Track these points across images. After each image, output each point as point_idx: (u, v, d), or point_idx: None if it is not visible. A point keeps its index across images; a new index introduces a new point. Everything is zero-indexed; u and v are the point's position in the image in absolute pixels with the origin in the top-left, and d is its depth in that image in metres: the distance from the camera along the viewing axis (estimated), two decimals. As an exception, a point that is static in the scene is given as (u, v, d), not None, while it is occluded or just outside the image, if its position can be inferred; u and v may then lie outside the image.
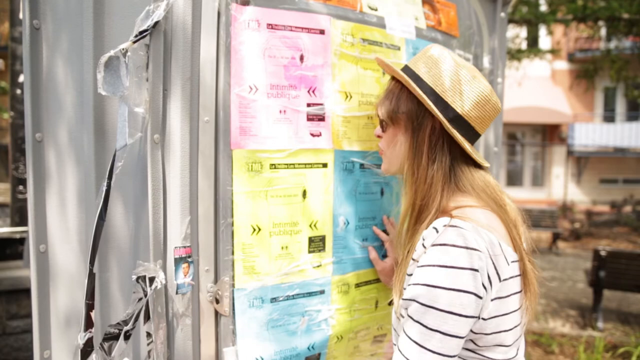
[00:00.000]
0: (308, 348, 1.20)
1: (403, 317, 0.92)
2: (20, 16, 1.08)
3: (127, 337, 0.97)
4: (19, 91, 3.28)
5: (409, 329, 0.88)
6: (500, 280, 0.89)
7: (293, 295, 1.17)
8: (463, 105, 0.97)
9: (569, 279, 7.26)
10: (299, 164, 1.15)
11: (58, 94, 1.10)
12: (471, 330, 0.89)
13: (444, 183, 0.98)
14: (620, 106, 14.94)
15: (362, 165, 1.27)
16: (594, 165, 14.89)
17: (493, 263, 0.88)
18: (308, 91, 1.15)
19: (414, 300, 0.88)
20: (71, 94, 1.08)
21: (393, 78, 1.07)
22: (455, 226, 0.89)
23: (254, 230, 1.10)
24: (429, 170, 0.98)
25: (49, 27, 1.08)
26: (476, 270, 0.85)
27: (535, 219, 9.22)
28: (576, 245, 9.99)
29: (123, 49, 0.93)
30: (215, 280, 1.07)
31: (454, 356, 0.87)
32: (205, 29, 1.01)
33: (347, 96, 1.22)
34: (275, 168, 1.11)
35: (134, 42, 0.94)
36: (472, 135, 1.00)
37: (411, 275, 0.92)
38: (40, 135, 1.10)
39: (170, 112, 1.00)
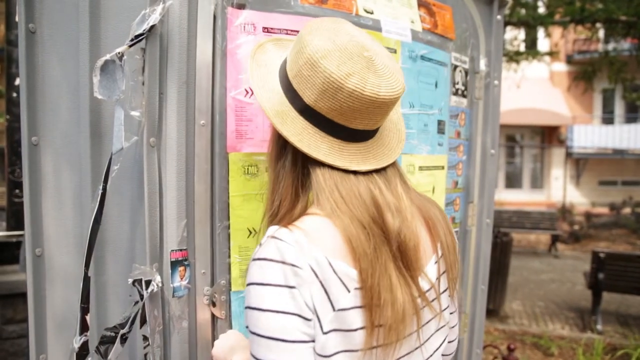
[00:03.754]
0: (305, 351, 1.20)
1: None
2: (16, 19, 1.08)
3: (123, 340, 0.97)
4: (15, 94, 3.28)
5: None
6: (334, 310, 0.73)
7: (290, 298, 1.16)
8: (311, 94, 0.79)
9: (568, 281, 7.26)
10: None
11: (54, 97, 1.10)
12: None
13: (295, 187, 0.84)
14: (619, 108, 14.97)
15: None
16: (593, 167, 14.91)
17: (322, 285, 0.73)
18: None
19: (247, 327, 0.77)
20: (67, 97, 1.08)
21: None
22: (275, 237, 0.76)
23: (250, 233, 1.10)
24: (279, 168, 0.85)
25: (44, 30, 1.08)
26: (292, 287, 0.72)
27: (534, 221, 9.22)
28: (575, 247, 10.00)
29: (119, 53, 0.93)
30: (212, 283, 1.07)
31: None
32: (201, 33, 1.01)
33: None
34: None
35: (130, 45, 0.94)
36: (339, 130, 0.81)
37: None
38: (36, 139, 1.10)
39: (166, 116, 1.00)
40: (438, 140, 1.47)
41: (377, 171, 0.83)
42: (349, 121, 0.80)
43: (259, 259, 0.76)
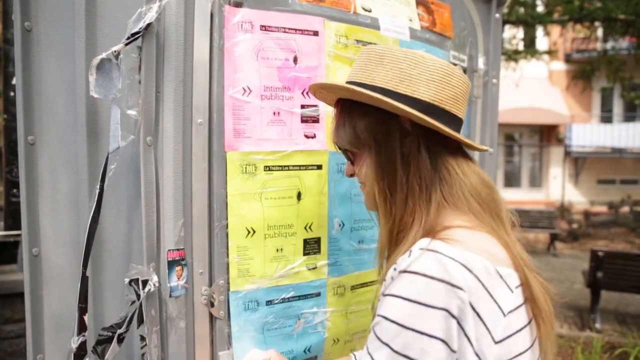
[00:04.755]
0: (304, 351, 1.20)
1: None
2: (13, 17, 1.07)
3: (120, 340, 0.97)
4: (12, 94, 3.27)
5: None
6: (504, 315, 0.72)
7: (288, 298, 1.16)
8: (428, 89, 0.80)
9: (566, 279, 7.26)
10: (293, 166, 1.14)
11: (50, 96, 1.09)
12: None
13: (428, 191, 0.80)
14: (618, 107, 14.99)
15: None
16: (592, 165, 14.92)
17: (490, 294, 0.71)
18: (302, 93, 1.14)
19: (373, 332, 0.75)
20: (63, 96, 1.07)
21: (338, 102, 0.92)
22: (434, 251, 0.70)
23: (249, 232, 1.09)
24: (406, 180, 0.81)
25: (40, 29, 1.07)
26: (450, 313, 0.68)
27: (533, 219, 9.23)
28: (574, 246, 10.01)
29: (115, 51, 0.93)
30: (210, 283, 1.06)
31: None
32: (198, 31, 1.00)
33: None
34: (269, 170, 1.11)
35: (126, 44, 0.93)
36: (453, 121, 0.83)
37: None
38: (33, 138, 1.10)
39: (163, 115, 0.99)
40: None
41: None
42: (459, 108, 0.83)
43: (412, 272, 0.70)
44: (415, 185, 0.81)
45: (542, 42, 11.87)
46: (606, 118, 15.05)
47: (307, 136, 1.16)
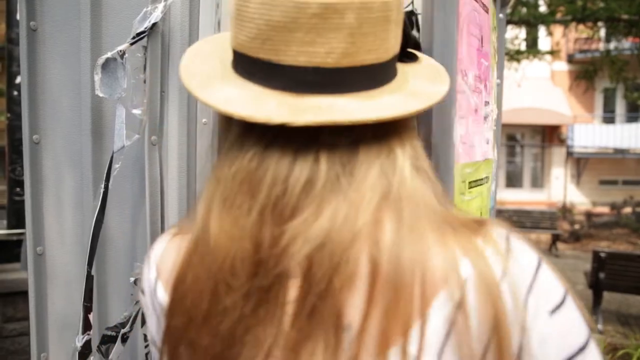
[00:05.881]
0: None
1: None
2: (18, 17, 1.08)
3: (124, 339, 0.97)
4: (15, 93, 3.28)
5: None
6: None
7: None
8: (232, 30, 0.54)
9: (568, 280, 7.17)
10: (479, 180, 0.88)
11: (55, 95, 1.09)
12: None
13: None
14: (620, 107, 14.96)
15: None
16: (594, 166, 14.90)
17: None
18: (484, 85, 0.90)
19: None
20: (68, 95, 1.08)
21: None
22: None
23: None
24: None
25: (45, 28, 1.08)
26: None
27: (535, 220, 9.22)
28: (576, 247, 9.99)
29: (120, 51, 0.93)
30: (213, 283, 1.06)
31: None
32: (203, 30, 1.01)
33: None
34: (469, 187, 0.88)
35: (132, 43, 0.93)
36: (274, 72, 0.50)
37: None
38: (38, 137, 1.10)
39: (167, 114, 1.00)
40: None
41: (326, 144, 0.49)
42: (276, 50, 0.49)
43: None
44: None
45: (544, 42, 11.85)
46: (609, 119, 15.02)
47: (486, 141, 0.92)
